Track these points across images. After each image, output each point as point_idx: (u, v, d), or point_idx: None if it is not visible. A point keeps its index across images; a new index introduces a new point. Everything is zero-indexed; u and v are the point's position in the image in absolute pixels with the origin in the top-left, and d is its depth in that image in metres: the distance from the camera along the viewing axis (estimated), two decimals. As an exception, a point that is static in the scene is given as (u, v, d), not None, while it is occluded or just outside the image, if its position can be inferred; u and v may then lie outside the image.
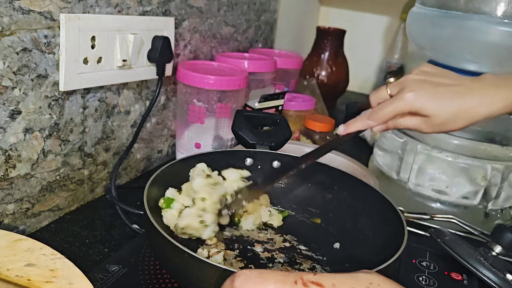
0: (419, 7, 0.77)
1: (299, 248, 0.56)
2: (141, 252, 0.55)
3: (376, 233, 0.54)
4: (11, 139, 0.53)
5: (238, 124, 0.64)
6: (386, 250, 0.45)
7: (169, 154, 0.86)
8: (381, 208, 0.54)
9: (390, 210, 0.52)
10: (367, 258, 0.50)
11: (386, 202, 0.54)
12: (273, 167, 0.64)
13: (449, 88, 0.49)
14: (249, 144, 0.63)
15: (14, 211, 0.56)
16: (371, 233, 0.55)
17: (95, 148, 0.66)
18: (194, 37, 0.84)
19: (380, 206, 0.54)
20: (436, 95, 0.48)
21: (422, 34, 0.77)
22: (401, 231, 0.47)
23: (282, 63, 1.02)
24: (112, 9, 0.62)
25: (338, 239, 0.58)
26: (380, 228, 0.53)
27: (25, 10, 0.50)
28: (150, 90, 0.74)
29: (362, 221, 0.57)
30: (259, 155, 0.63)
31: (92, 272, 0.50)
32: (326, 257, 0.55)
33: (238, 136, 0.64)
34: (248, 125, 0.64)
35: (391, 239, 0.48)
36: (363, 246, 0.54)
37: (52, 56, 0.55)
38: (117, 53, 0.63)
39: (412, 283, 0.57)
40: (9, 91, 0.51)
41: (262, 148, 0.63)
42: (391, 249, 0.44)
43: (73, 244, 0.58)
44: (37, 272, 0.41)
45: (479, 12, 0.66)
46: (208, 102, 0.77)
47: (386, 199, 0.54)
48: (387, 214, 0.52)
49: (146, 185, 0.50)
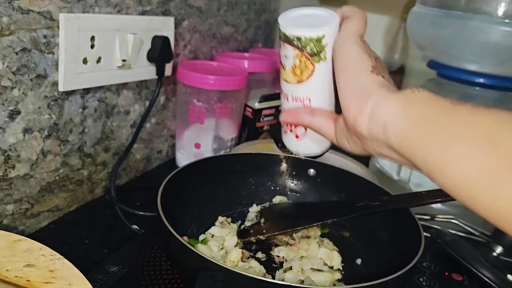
0: (420, 7, 0.76)
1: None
2: (141, 253, 0.55)
3: (394, 248, 0.53)
4: (11, 139, 0.53)
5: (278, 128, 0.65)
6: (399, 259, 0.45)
7: (168, 155, 0.86)
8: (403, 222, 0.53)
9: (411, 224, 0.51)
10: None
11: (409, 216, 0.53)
12: (309, 175, 0.64)
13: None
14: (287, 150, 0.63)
15: (13, 212, 0.56)
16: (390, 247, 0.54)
17: (94, 148, 0.66)
18: (194, 37, 0.83)
19: (402, 219, 0.53)
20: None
21: (422, 34, 0.77)
22: (417, 246, 0.46)
23: (282, 63, 1.02)
24: (112, 9, 0.62)
25: (362, 255, 0.57)
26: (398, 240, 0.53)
27: (25, 10, 0.50)
28: (150, 90, 0.74)
29: (382, 236, 0.56)
30: (296, 161, 0.63)
31: (91, 272, 0.50)
32: (345, 271, 0.54)
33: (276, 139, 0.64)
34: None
35: (405, 248, 0.48)
36: (382, 262, 0.53)
37: (51, 56, 0.54)
38: (116, 53, 0.63)
39: (413, 284, 0.57)
40: (8, 91, 0.51)
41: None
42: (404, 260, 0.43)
43: (72, 244, 0.58)
44: (36, 273, 0.41)
45: (480, 12, 0.66)
46: (208, 102, 0.76)
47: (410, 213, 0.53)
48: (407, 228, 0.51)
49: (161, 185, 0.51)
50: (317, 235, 0.60)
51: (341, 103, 0.38)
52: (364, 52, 0.38)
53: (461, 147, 0.29)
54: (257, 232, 0.57)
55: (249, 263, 0.52)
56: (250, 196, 0.64)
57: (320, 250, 0.55)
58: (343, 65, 0.39)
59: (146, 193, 0.71)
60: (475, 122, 0.30)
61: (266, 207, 0.62)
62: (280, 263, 0.54)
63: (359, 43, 0.39)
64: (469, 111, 0.30)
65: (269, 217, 0.59)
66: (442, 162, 0.30)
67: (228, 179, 0.64)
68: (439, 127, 0.31)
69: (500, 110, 0.30)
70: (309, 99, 0.43)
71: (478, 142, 0.29)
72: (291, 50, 0.41)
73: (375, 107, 0.35)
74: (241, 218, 0.62)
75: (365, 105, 0.36)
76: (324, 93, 0.42)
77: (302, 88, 0.42)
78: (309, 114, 0.43)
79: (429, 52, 0.79)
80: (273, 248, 0.57)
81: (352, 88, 0.37)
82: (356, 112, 0.36)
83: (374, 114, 0.35)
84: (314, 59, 0.40)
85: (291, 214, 0.60)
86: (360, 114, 0.36)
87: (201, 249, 0.53)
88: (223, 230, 0.57)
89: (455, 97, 0.85)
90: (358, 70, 0.37)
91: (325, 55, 0.40)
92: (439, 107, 0.32)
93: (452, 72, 0.73)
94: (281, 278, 0.51)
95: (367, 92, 0.36)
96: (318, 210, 0.60)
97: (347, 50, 0.39)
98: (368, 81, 0.37)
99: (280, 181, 0.66)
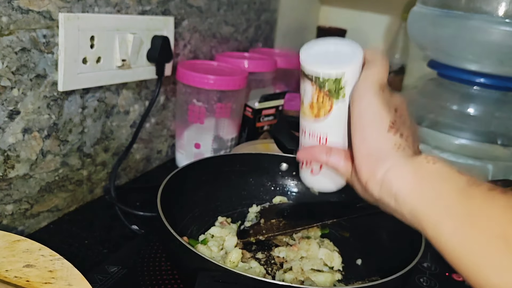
0: (420, 7, 0.76)
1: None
2: (141, 253, 0.55)
3: (394, 248, 0.53)
4: (10, 139, 0.52)
5: (279, 128, 0.65)
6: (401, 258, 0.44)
7: (168, 155, 0.86)
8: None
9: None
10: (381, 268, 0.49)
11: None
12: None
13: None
14: (287, 150, 0.63)
15: (13, 212, 0.55)
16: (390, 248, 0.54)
17: (94, 148, 0.66)
18: (193, 37, 0.83)
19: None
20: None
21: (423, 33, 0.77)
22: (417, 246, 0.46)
23: (282, 62, 1.02)
24: (112, 8, 0.62)
25: (362, 255, 0.56)
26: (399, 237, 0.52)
27: (24, 9, 0.50)
28: (150, 90, 0.74)
29: (382, 236, 0.56)
30: (296, 161, 0.63)
31: (91, 273, 0.50)
32: (345, 272, 0.54)
33: (276, 140, 0.64)
34: (288, 131, 0.64)
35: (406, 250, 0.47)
36: (382, 262, 0.53)
37: (51, 56, 0.54)
38: (116, 53, 0.62)
39: (414, 284, 0.56)
40: (7, 91, 0.51)
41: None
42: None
43: (72, 245, 0.57)
44: (36, 273, 0.40)
45: (481, 12, 0.65)
46: (208, 102, 0.76)
47: None
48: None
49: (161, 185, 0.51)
50: (317, 235, 0.60)
51: (355, 161, 0.37)
52: (383, 106, 0.36)
53: (474, 241, 0.29)
54: (257, 232, 0.57)
55: (249, 264, 0.52)
56: (250, 196, 0.64)
57: (320, 251, 0.55)
58: (360, 121, 0.37)
59: (146, 193, 0.70)
60: (490, 214, 0.29)
61: (266, 207, 0.62)
62: (280, 263, 0.54)
63: (379, 95, 0.37)
64: (484, 197, 0.29)
65: (269, 217, 0.59)
66: (453, 247, 0.30)
67: (228, 179, 0.64)
68: (451, 213, 0.30)
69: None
70: (326, 136, 0.42)
71: (493, 239, 0.28)
72: (309, 86, 0.40)
73: (387, 175, 0.34)
74: (241, 219, 0.62)
75: (377, 170, 0.35)
76: (342, 131, 0.41)
77: (320, 125, 0.41)
78: (326, 153, 0.41)
79: (429, 52, 0.79)
80: (273, 248, 0.57)
81: (366, 148, 0.36)
82: (368, 176, 0.35)
83: (385, 182, 0.34)
84: (332, 97, 0.39)
85: (291, 215, 0.60)
86: (372, 179, 0.35)
87: (201, 249, 0.53)
88: (223, 230, 0.57)
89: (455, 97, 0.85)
90: (375, 129, 0.36)
91: (343, 94, 0.39)
92: (453, 187, 0.31)
93: (452, 72, 0.73)
94: (281, 279, 0.51)
95: (381, 157, 0.35)
96: (318, 211, 0.60)
97: (366, 104, 0.37)
98: (383, 143, 0.35)
99: (280, 181, 0.66)
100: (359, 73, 0.39)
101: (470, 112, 0.73)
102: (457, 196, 0.30)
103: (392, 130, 0.35)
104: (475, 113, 0.72)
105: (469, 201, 0.30)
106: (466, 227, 0.29)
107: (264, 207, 0.62)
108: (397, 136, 0.35)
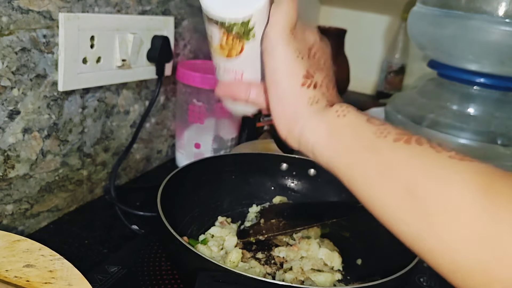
0: (420, 7, 0.76)
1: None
2: (141, 253, 0.55)
3: (395, 248, 0.53)
4: (10, 139, 0.52)
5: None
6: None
7: (168, 155, 0.86)
8: None
9: None
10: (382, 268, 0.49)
11: None
12: (309, 175, 0.63)
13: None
14: (287, 150, 0.63)
15: (13, 212, 0.55)
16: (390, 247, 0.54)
17: (94, 148, 0.66)
18: (194, 37, 0.83)
19: None
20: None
21: (423, 33, 0.77)
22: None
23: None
24: (112, 8, 0.62)
25: (362, 255, 0.56)
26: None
27: (24, 9, 0.50)
28: (150, 90, 0.74)
29: (382, 236, 0.56)
30: (296, 161, 0.63)
31: (91, 273, 0.50)
32: (345, 272, 0.54)
33: (276, 140, 0.64)
34: None
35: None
36: (382, 262, 0.52)
37: (51, 56, 0.54)
38: (116, 53, 0.62)
39: (414, 284, 0.56)
40: (8, 91, 0.51)
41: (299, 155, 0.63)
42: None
43: (72, 245, 0.57)
44: (36, 273, 0.40)
45: (481, 12, 0.65)
46: (208, 102, 0.76)
47: None
48: None
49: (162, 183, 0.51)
50: (318, 235, 0.60)
51: (272, 117, 0.38)
52: (295, 57, 0.36)
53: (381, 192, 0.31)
54: (257, 232, 0.57)
55: (249, 264, 0.52)
56: (250, 196, 0.64)
57: (321, 251, 0.55)
58: (273, 77, 0.37)
59: (146, 193, 0.70)
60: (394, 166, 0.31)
61: (266, 207, 0.62)
62: (280, 263, 0.54)
63: (291, 43, 0.36)
64: (390, 149, 0.31)
65: (269, 217, 0.59)
66: (364, 197, 0.33)
67: (228, 179, 0.64)
68: (359, 167, 0.33)
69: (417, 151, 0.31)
70: (241, 73, 0.40)
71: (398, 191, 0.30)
72: (216, 30, 0.38)
73: (303, 132, 0.35)
74: (241, 218, 0.62)
75: (293, 127, 0.36)
76: (257, 66, 0.40)
77: (233, 63, 0.40)
78: (245, 90, 0.41)
79: (429, 52, 0.79)
80: (273, 248, 0.57)
81: (281, 106, 0.37)
82: (286, 134, 0.37)
83: (302, 138, 0.36)
84: (242, 39, 0.37)
85: (291, 215, 0.60)
86: (290, 136, 0.37)
87: (201, 249, 0.53)
88: (223, 230, 0.57)
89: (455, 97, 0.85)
90: (288, 86, 0.36)
91: (253, 34, 0.37)
92: (361, 141, 0.33)
93: (452, 72, 0.73)
94: (281, 279, 0.51)
95: (296, 115, 0.36)
96: (318, 211, 0.60)
97: (277, 57, 0.36)
98: (297, 99, 0.36)
99: (280, 181, 0.66)
100: (268, 10, 0.37)
101: (470, 112, 0.73)
102: (364, 150, 0.32)
103: (306, 83, 0.36)
104: (475, 113, 0.72)
105: (375, 156, 0.32)
106: (375, 179, 0.32)
107: (264, 207, 0.62)
108: (311, 89, 0.36)
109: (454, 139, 0.71)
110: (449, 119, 0.72)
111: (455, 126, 0.72)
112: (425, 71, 0.89)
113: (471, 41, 0.68)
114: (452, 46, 0.71)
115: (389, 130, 0.32)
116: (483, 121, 0.71)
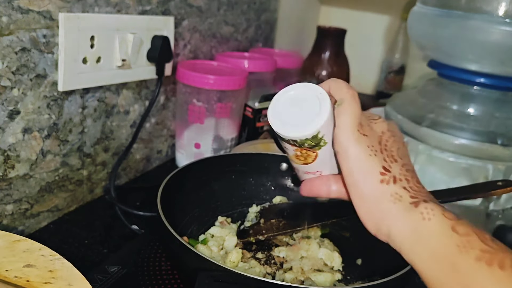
0: (420, 7, 0.76)
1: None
2: (141, 253, 0.55)
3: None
4: (10, 139, 0.52)
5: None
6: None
7: (168, 155, 0.86)
8: None
9: None
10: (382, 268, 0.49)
11: None
12: None
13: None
14: None
15: (13, 212, 0.55)
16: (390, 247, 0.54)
17: (94, 148, 0.66)
18: (193, 37, 0.83)
19: None
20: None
21: (423, 33, 0.77)
22: None
23: (282, 62, 1.02)
24: (112, 8, 0.62)
25: (362, 255, 0.56)
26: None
27: (24, 9, 0.50)
28: (150, 90, 0.74)
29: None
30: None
31: (91, 273, 0.50)
32: (345, 272, 0.54)
33: (276, 140, 0.64)
34: None
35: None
36: (382, 262, 0.53)
37: (51, 56, 0.54)
38: (116, 53, 0.62)
39: (414, 285, 0.56)
40: (8, 91, 0.51)
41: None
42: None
43: (72, 245, 0.57)
44: (36, 273, 0.40)
45: (481, 12, 0.65)
46: (208, 102, 0.76)
47: None
48: None
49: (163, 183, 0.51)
50: (318, 235, 0.60)
51: (357, 213, 0.37)
52: (368, 154, 0.35)
53: None
54: (257, 232, 0.57)
55: (249, 264, 0.52)
56: (250, 196, 0.64)
57: (321, 251, 0.55)
58: (351, 178, 0.36)
59: (146, 193, 0.71)
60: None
61: (266, 207, 0.62)
62: (280, 263, 0.54)
63: (360, 141, 0.36)
64: (470, 269, 0.31)
65: (269, 217, 0.59)
66: None
67: (228, 179, 0.64)
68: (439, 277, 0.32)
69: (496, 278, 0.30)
70: (320, 173, 0.41)
71: None
72: (289, 146, 0.39)
73: (390, 232, 0.35)
74: (241, 218, 0.62)
75: (381, 227, 0.35)
76: (333, 163, 0.40)
77: (310, 166, 0.41)
78: (327, 189, 0.41)
79: (429, 52, 0.79)
80: (273, 248, 0.57)
81: (365, 207, 0.36)
82: (375, 231, 0.36)
83: (390, 238, 0.35)
84: (314, 149, 0.39)
85: (291, 215, 0.60)
86: (379, 234, 0.36)
87: (201, 249, 0.53)
88: (223, 230, 0.57)
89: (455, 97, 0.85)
90: (367, 185, 0.35)
91: (325, 142, 0.38)
92: (445, 252, 0.32)
93: (452, 72, 0.73)
94: (281, 279, 0.51)
95: (380, 215, 0.35)
96: (318, 211, 0.60)
97: (351, 158, 0.36)
98: (378, 197, 0.35)
99: (280, 181, 0.66)
100: (332, 114, 0.37)
101: (470, 112, 0.73)
102: (445, 263, 0.32)
103: (384, 180, 0.35)
104: (475, 113, 0.72)
105: (455, 273, 0.31)
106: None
107: (264, 207, 0.62)
108: (391, 185, 0.35)
109: (454, 139, 0.71)
110: (449, 119, 0.72)
111: (455, 126, 0.71)
112: (425, 71, 0.89)
113: (471, 41, 0.68)
114: (452, 46, 0.71)
115: (473, 244, 0.32)
116: (483, 121, 0.71)
